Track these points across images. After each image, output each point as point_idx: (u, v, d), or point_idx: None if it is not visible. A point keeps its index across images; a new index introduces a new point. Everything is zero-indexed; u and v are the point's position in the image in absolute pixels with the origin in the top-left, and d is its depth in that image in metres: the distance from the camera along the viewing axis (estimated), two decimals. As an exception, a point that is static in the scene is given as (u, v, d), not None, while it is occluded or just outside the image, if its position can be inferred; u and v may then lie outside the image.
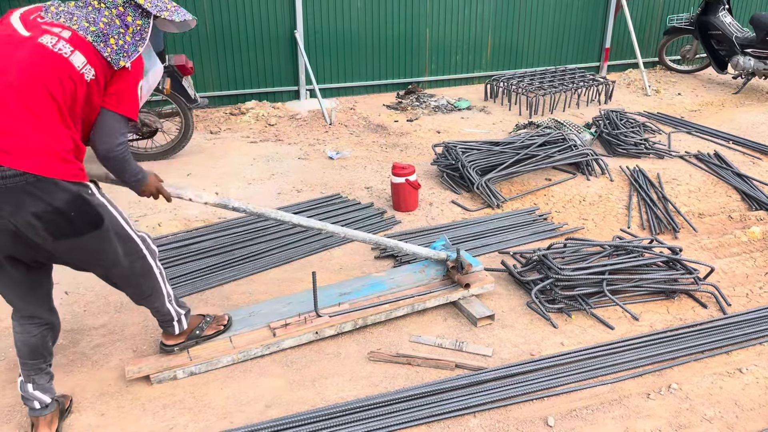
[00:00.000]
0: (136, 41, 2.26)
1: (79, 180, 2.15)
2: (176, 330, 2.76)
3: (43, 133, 2.05)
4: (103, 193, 2.32)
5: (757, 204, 4.54)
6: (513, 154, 4.82)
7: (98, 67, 2.18)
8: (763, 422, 2.58)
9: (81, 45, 2.15)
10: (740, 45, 7.17)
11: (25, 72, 2.04)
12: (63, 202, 2.11)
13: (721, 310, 3.33)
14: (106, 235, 2.29)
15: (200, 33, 6.24)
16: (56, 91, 2.07)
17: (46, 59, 2.07)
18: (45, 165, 2.05)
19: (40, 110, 2.05)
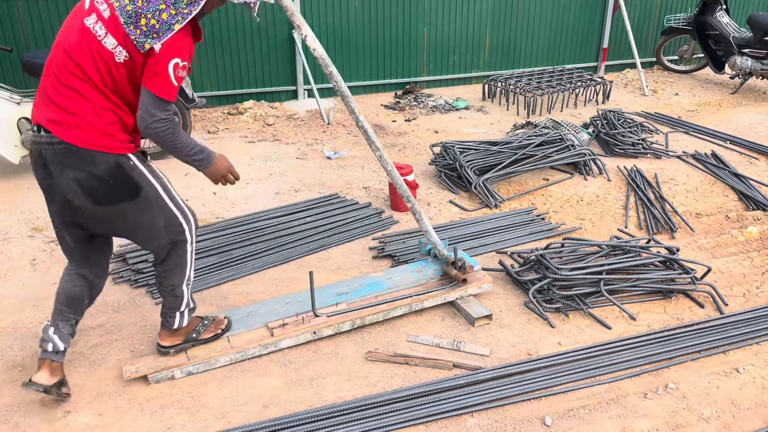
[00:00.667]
0: (172, 19, 2.21)
1: (118, 152, 2.27)
2: (175, 322, 2.71)
3: (84, 108, 2.21)
4: (149, 165, 2.41)
5: (754, 204, 4.55)
6: (511, 154, 4.83)
7: (131, 47, 2.21)
8: (760, 422, 2.59)
9: (114, 26, 2.20)
10: (737, 45, 7.19)
11: (69, 52, 2.20)
12: (101, 170, 2.26)
13: (718, 310, 3.34)
14: (144, 204, 2.38)
15: (198, 33, 6.23)
16: (91, 72, 2.20)
17: (83, 41, 2.20)
18: (85, 137, 2.21)
19: (80, 88, 2.20)
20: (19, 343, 3.00)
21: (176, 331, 2.77)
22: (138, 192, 2.36)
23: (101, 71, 2.22)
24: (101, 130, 2.24)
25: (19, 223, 4.11)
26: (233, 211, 4.32)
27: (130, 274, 3.54)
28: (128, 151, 2.33)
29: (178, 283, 2.65)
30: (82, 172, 2.27)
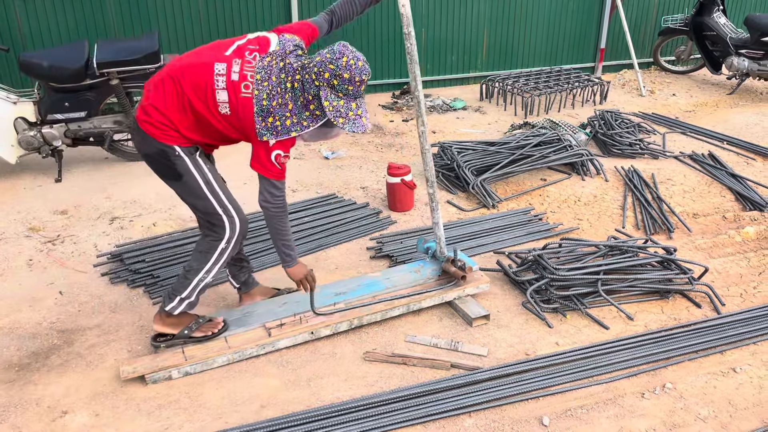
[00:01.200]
0: (293, 126, 2.60)
1: (165, 142, 2.60)
2: (169, 304, 2.81)
3: (162, 109, 2.58)
4: (195, 159, 2.68)
5: (751, 204, 4.56)
6: (508, 154, 4.83)
7: (236, 114, 2.56)
8: (757, 421, 2.59)
9: (233, 90, 2.54)
10: (734, 46, 7.20)
11: (183, 71, 2.57)
12: (150, 152, 2.66)
13: (715, 310, 3.34)
14: (185, 188, 2.72)
15: (195, 32, 6.23)
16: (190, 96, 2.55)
17: (201, 74, 2.55)
18: (142, 119, 2.62)
19: (173, 98, 2.57)
20: (16, 343, 2.99)
21: (168, 316, 2.83)
22: (180, 177, 2.68)
23: (196, 103, 2.56)
24: (153, 122, 2.60)
25: (15, 223, 4.10)
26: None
27: (128, 274, 3.53)
28: (175, 144, 2.62)
29: (195, 268, 2.80)
30: (140, 145, 2.72)
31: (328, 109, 2.57)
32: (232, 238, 2.79)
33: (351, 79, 2.54)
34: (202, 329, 2.90)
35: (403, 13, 2.89)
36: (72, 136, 4.80)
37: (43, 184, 4.68)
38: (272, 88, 2.55)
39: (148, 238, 3.91)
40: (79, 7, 5.75)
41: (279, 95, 2.56)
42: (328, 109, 2.57)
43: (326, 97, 2.56)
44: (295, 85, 2.58)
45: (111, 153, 5.03)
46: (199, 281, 2.80)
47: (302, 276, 2.90)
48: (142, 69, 4.72)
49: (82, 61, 4.61)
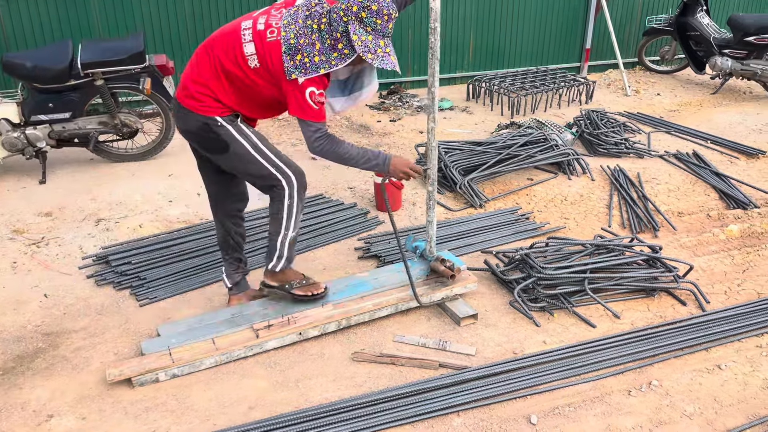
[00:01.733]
0: (321, 64, 2.62)
1: (205, 114, 2.69)
2: (271, 264, 2.99)
3: (191, 76, 2.70)
4: (238, 125, 2.76)
5: (734, 203, 4.61)
6: (495, 154, 4.85)
7: (265, 63, 2.61)
8: (742, 418, 2.62)
9: (260, 40, 2.61)
10: (718, 46, 7.27)
11: (214, 37, 2.69)
12: (192, 127, 2.75)
13: (700, 308, 3.37)
14: (235, 157, 2.78)
15: (180, 32, 6.19)
16: (221, 58, 2.64)
17: (229, 35, 2.66)
18: (181, 96, 2.73)
19: (202, 64, 2.69)
20: (0, 347, 2.96)
21: (274, 273, 3.02)
22: (227, 148, 2.75)
23: (228, 62, 2.63)
24: (192, 95, 2.69)
25: (-1, 226, 4.06)
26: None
27: (114, 276, 3.51)
28: (215, 114, 2.70)
29: (273, 232, 2.94)
30: (181, 123, 2.79)
31: (357, 44, 2.59)
32: (293, 193, 2.86)
33: (379, 11, 2.58)
34: (303, 288, 3.05)
35: (432, 7, 2.90)
36: (56, 138, 4.76)
37: (27, 186, 4.63)
38: (299, 29, 2.60)
39: (135, 240, 3.88)
40: (63, 7, 5.70)
41: (305, 35, 2.60)
42: (357, 43, 2.59)
43: (354, 31, 2.58)
44: (321, 27, 2.62)
45: (96, 154, 4.99)
46: (284, 239, 2.93)
47: (403, 169, 2.92)
48: (127, 69, 4.69)
49: (66, 61, 4.56)
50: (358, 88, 2.90)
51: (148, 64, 4.76)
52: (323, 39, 2.63)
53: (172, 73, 4.97)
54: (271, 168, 2.81)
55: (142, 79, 4.73)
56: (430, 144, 3.14)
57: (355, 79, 2.93)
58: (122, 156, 5.06)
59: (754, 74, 7.07)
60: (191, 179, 4.76)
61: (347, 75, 2.93)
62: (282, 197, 2.87)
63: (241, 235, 3.18)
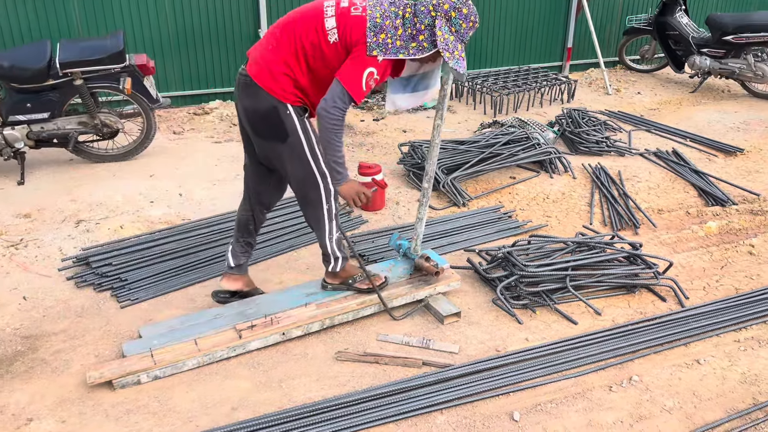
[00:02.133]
0: (401, 49, 2.66)
1: (279, 98, 2.69)
2: (330, 266, 3.10)
3: (271, 56, 2.68)
4: (304, 120, 2.78)
5: (713, 200, 4.67)
6: (478, 153, 4.87)
7: (344, 37, 2.63)
8: (721, 411, 2.66)
9: (342, 16, 2.64)
10: (696, 45, 7.36)
11: (294, 16, 2.71)
12: (262, 107, 2.72)
13: (679, 304, 3.42)
14: (287, 150, 2.78)
15: (161, 31, 6.14)
16: (301, 36, 2.65)
17: (311, 12, 2.68)
18: (257, 74, 2.69)
19: (282, 42, 2.68)
20: (-22, 351, 2.92)
21: (335, 274, 3.15)
22: (285, 138, 2.75)
23: (309, 38, 2.65)
24: (272, 75, 2.67)
25: (-23, 228, 4.00)
26: (200, 213, 4.27)
27: (94, 277, 3.47)
28: (288, 102, 2.71)
29: (319, 236, 3.02)
30: (249, 101, 2.76)
31: (440, 40, 2.61)
32: (330, 198, 2.91)
33: (468, 15, 2.64)
34: (366, 282, 3.17)
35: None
36: (35, 138, 4.70)
37: (5, 187, 4.57)
38: (384, 11, 2.65)
39: (115, 241, 3.84)
40: (41, 7, 5.63)
41: (390, 19, 2.65)
42: (440, 39, 2.61)
43: (440, 27, 2.62)
44: (405, 15, 2.67)
45: (76, 155, 4.94)
46: (331, 243, 3.02)
47: (354, 193, 2.85)
48: (106, 69, 4.64)
49: (45, 61, 4.51)
50: (423, 88, 2.93)
51: (128, 64, 4.71)
52: (405, 27, 2.67)
53: (153, 72, 4.93)
54: (316, 172, 2.84)
55: (122, 78, 4.69)
56: (434, 140, 3.16)
57: (420, 79, 2.95)
58: (102, 156, 5.01)
59: (732, 73, 7.16)
60: (173, 180, 4.73)
61: (413, 73, 2.94)
62: (320, 203, 2.91)
63: (261, 223, 3.23)
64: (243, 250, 3.20)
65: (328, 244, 3.03)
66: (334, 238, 3.02)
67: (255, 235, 3.23)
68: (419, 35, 2.67)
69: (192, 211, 4.30)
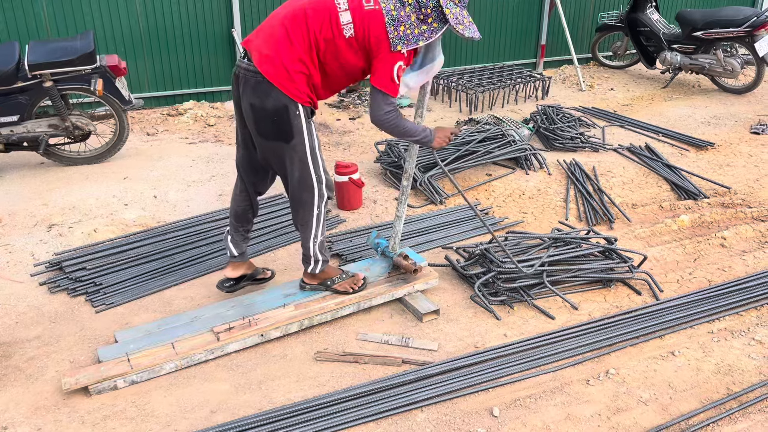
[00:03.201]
0: (419, 36, 2.70)
1: (291, 97, 2.68)
2: (310, 268, 3.13)
3: (286, 53, 2.64)
4: (310, 123, 2.80)
5: (685, 193, 4.74)
6: (454, 150, 4.89)
7: (360, 32, 2.65)
8: (696, 402, 2.71)
9: (357, 8, 2.65)
10: (667, 41, 7.47)
11: (302, 8, 2.66)
12: (271, 105, 2.69)
13: (654, 297, 3.47)
14: (289, 151, 2.81)
15: (133, 31, 6.06)
16: (314, 30, 2.64)
17: (325, 5, 2.65)
18: (271, 72, 2.65)
19: (296, 38, 2.64)
20: (-51, 360, 2.86)
21: (313, 275, 3.17)
22: (290, 139, 2.77)
23: (322, 33, 2.64)
24: (289, 74, 2.65)
25: (-55, 234, 3.91)
26: (175, 215, 4.23)
27: (68, 282, 3.42)
28: (300, 101, 2.71)
29: (305, 239, 3.05)
30: (258, 99, 2.71)
31: (450, 16, 2.68)
32: (321, 203, 2.98)
33: None
34: (344, 284, 3.19)
35: None
36: (4, 141, 4.61)
37: (-25, 192, 4.48)
38: (396, 2, 2.69)
39: (89, 245, 3.79)
40: (8, 7, 5.52)
41: (402, 9, 2.69)
42: (450, 15, 2.68)
43: (446, 5, 2.68)
44: (410, 0, 2.70)
45: (47, 158, 4.85)
46: (314, 246, 3.05)
47: (445, 139, 3.04)
48: (77, 70, 4.57)
49: (13, 62, 4.42)
50: (429, 61, 2.93)
51: (99, 65, 4.65)
52: (414, 13, 2.70)
53: (125, 73, 4.86)
54: (314, 176, 2.89)
55: (93, 80, 4.62)
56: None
57: (425, 53, 2.95)
58: (75, 159, 4.93)
59: (702, 68, 7.28)
60: (147, 182, 4.67)
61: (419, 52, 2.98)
62: (312, 206, 2.96)
63: (258, 207, 3.28)
64: (242, 237, 3.26)
65: (311, 246, 3.05)
66: (318, 241, 3.05)
67: (252, 223, 3.30)
68: (428, 18, 2.72)
69: (167, 213, 4.25)
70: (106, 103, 4.79)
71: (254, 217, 3.27)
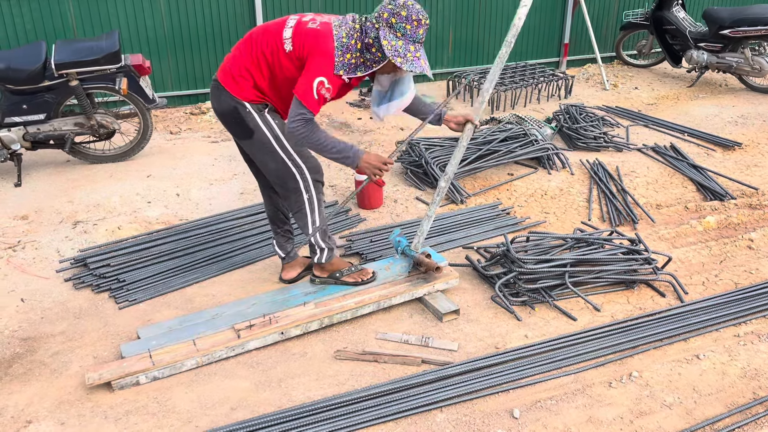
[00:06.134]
0: (362, 66, 2.79)
1: (238, 97, 2.84)
2: (316, 257, 3.22)
3: (235, 64, 2.85)
4: (264, 116, 2.89)
5: (711, 194, 4.66)
6: (475, 149, 4.86)
7: (298, 48, 2.73)
8: (721, 407, 2.66)
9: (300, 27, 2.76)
10: (693, 39, 7.35)
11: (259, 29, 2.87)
12: (223, 107, 2.89)
13: (678, 299, 3.41)
14: (257, 145, 2.93)
15: (157, 31, 6.13)
16: (261, 44, 2.80)
17: (274, 25, 2.83)
18: (221, 78, 2.87)
19: (244, 53, 2.84)
20: (-24, 354, 2.92)
21: (321, 266, 3.24)
22: (251, 134, 2.90)
23: (268, 47, 2.79)
24: (234, 79, 2.84)
25: (-26, 230, 3.99)
26: (197, 213, 4.26)
27: (92, 279, 3.46)
28: (246, 100, 2.84)
29: (301, 226, 3.12)
30: (216, 103, 2.92)
31: (387, 48, 2.69)
32: (308, 186, 3.03)
33: (408, 16, 2.68)
34: (353, 276, 3.25)
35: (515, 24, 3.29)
36: (31, 140, 4.69)
37: (2, 190, 4.56)
38: (349, 30, 2.75)
39: (113, 242, 3.84)
40: (36, 8, 5.61)
41: (351, 37, 2.75)
42: (387, 48, 2.69)
43: (385, 36, 2.70)
44: (357, 32, 2.77)
45: (72, 156, 4.93)
46: (315, 233, 3.11)
47: (372, 168, 2.91)
48: (102, 69, 4.63)
49: (40, 62, 4.50)
50: (398, 95, 2.99)
51: (123, 64, 4.70)
52: (359, 43, 2.77)
53: (149, 72, 4.91)
54: (288, 160, 2.95)
55: (118, 79, 4.68)
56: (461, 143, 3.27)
57: (395, 86, 3.01)
58: (99, 157, 5.00)
59: (730, 67, 7.16)
60: (170, 180, 4.72)
61: (388, 83, 3.02)
62: (299, 192, 3.03)
63: (284, 208, 3.33)
64: (286, 238, 3.37)
65: (311, 233, 3.11)
66: (318, 228, 3.11)
67: (288, 220, 3.37)
68: (372, 47, 2.76)
69: (189, 211, 4.29)
70: (131, 102, 4.85)
71: (285, 216, 3.35)
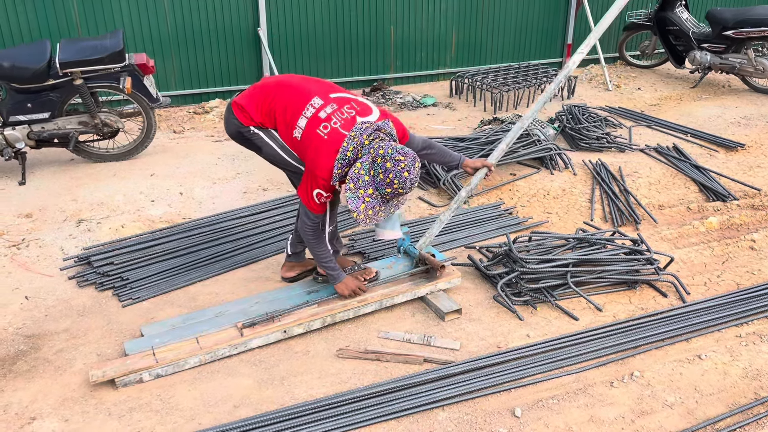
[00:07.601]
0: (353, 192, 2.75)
1: (243, 122, 3.05)
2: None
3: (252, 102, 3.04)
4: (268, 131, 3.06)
5: (714, 195, 4.66)
6: (478, 149, 4.87)
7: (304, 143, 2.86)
8: (722, 407, 2.66)
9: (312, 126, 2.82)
10: (697, 40, 7.35)
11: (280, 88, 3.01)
12: (232, 130, 3.13)
13: (680, 299, 3.42)
14: (268, 157, 3.14)
15: (161, 30, 6.14)
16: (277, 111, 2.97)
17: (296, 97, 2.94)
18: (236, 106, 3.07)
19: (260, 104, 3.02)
20: (-19, 350, 2.93)
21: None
22: (260, 150, 3.13)
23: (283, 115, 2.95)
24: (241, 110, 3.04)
25: (-22, 228, 4.01)
26: (201, 212, 4.28)
27: (96, 277, 3.48)
28: (248, 125, 3.05)
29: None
30: (227, 125, 3.15)
31: (353, 170, 2.70)
32: None
33: (388, 171, 2.64)
34: (356, 275, 3.28)
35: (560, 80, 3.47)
36: (35, 138, 4.70)
37: (6, 188, 4.58)
38: (356, 146, 2.72)
39: (117, 240, 3.85)
40: (40, 6, 5.63)
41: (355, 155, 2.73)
42: (354, 169, 2.70)
43: (362, 161, 2.69)
44: (361, 149, 2.75)
45: (76, 154, 4.94)
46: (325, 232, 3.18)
47: (348, 291, 3.12)
48: (106, 68, 4.64)
49: (45, 60, 4.51)
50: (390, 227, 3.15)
51: (127, 63, 4.72)
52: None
53: (153, 71, 4.92)
54: (300, 166, 3.05)
55: (122, 78, 4.69)
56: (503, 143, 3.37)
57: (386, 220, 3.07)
58: (103, 156, 5.01)
59: (733, 68, 7.15)
60: (173, 179, 4.73)
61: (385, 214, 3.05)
62: None
63: None
64: (300, 239, 3.41)
65: None
66: (327, 230, 3.14)
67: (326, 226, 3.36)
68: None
69: (193, 209, 4.31)
70: (135, 101, 4.87)
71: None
